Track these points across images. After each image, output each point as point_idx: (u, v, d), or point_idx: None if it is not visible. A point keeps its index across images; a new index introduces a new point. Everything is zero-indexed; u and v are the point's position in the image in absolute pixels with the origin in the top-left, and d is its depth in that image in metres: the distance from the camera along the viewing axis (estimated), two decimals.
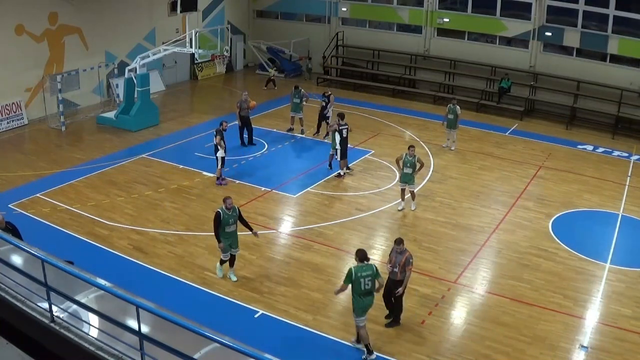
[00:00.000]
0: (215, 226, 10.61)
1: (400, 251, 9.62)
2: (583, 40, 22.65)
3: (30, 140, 19.07)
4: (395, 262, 9.61)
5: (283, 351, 9.23)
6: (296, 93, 19.36)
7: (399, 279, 9.62)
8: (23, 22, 19.46)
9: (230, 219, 10.62)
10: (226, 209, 10.56)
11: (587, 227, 14.03)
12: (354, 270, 8.82)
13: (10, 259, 7.40)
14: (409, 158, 13.99)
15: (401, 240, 9.73)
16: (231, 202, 10.62)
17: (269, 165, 17.04)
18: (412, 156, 13.99)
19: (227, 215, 10.56)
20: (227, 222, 10.59)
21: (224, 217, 10.53)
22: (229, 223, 10.62)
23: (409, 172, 14.02)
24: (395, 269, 9.58)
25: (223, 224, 10.55)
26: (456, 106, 18.51)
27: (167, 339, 5.74)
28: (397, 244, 9.64)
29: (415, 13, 26.18)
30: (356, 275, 8.80)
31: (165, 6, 24.49)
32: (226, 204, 10.56)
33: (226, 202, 10.58)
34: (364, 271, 8.81)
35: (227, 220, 10.58)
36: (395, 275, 9.64)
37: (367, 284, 8.82)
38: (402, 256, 9.57)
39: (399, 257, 9.58)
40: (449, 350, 9.48)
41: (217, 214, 10.54)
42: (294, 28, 29.17)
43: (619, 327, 10.11)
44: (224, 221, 10.55)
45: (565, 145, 19.86)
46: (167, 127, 20.32)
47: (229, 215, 10.59)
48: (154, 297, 6.63)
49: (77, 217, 13.50)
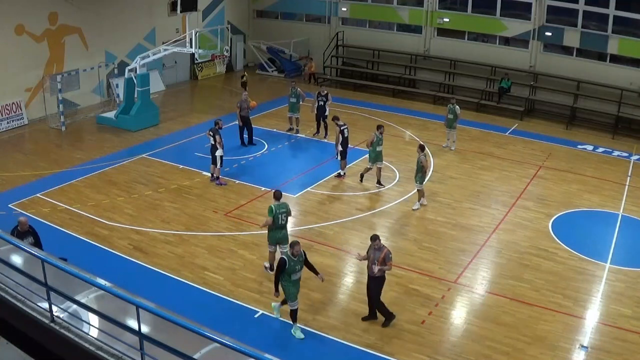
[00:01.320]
0: (277, 274, 9.43)
1: (377, 247, 9.71)
2: (583, 40, 22.65)
3: (30, 140, 19.07)
4: (373, 259, 9.69)
5: (283, 351, 9.24)
6: (293, 93, 19.35)
7: (376, 276, 9.72)
8: (23, 22, 19.46)
9: (297, 265, 9.41)
10: (292, 255, 9.33)
11: (587, 227, 14.03)
12: (274, 207, 10.84)
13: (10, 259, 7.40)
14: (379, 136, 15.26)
15: (377, 236, 9.83)
16: (300, 248, 9.37)
17: (269, 165, 17.04)
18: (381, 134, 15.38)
19: (293, 262, 9.32)
20: (294, 269, 9.37)
21: (290, 265, 9.30)
22: (296, 270, 9.41)
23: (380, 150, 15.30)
24: (374, 265, 9.62)
25: (289, 271, 9.34)
26: (455, 106, 18.53)
27: (167, 339, 5.74)
28: (373, 241, 9.78)
29: (415, 13, 26.18)
30: (275, 212, 10.81)
31: (165, 6, 24.56)
32: (294, 250, 9.30)
33: (294, 247, 9.30)
34: (281, 208, 10.89)
35: (294, 267, 9.35)
36: (372, 272, 9.72)
37: (282, 219, 10.92)
38: (380, 252, 9.66)
39: (377, 254, 9.67)
40: (449, 350, 9.48)
41: (282, 261, 9.29)
42: (294, 28, 29.17)
43: (619, 327, 10.11)
44: (290, 269, 9.32)
45: (565, 145, 19.86)
46: (167, 127, 20.32)
47: (295, 261, 9.36)
48: (154, 297, 6.63)
49: (77, 217, 13.50)
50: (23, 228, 9.55)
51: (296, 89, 19.40)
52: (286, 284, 9.45)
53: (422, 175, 14.39)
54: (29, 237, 9.57)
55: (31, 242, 9.52)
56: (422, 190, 14.51)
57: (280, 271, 9.34)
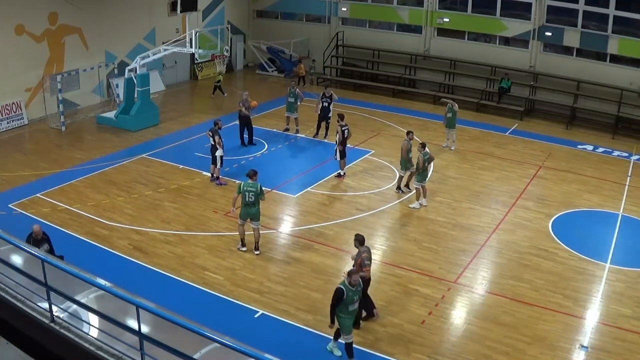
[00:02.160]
0: (333, 304, 8.69)
1: (359, 250, 9.70)
2: (583, 40, 22.65)
3: (30, 140, 19.07)
4: (355, 259, 9.72)
5: (283, 351, 9.19)
6: (291, 93, 19.35)
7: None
8: (23, 22, 19.46)
9: (355, 295, 8.74)
10: (350, 284, 8.63)
11: (587, 227, 14.02)
12: (242, 185, 11.57)
13: (10, 259, 7.40)
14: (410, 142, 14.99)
15: (356, 237, 9.82)
16: (358, 277, 8.76)
17: (269, 165, 17.03)
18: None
19: (351, 292, 8.65)
20: (352, 300, 8.70)
21: (348, 296, 8.63)
22: (353, 301, 8.74)
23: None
24: (353, 266, 9.55)
25: (346, 302, 8.65)
26: (454, 104, 18.59)
27: (167, 339, 5.74)
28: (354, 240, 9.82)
29: (415, 13, 26.18)
30: (243, 189, 11.52)
31: (165, 6, 24.56)
32: (352, 279, 8.61)
33: (352, 277, 8.62)
34: (249, 186, 11.51)
35: (352, 298, 8.69)
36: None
37: (250, 197, 11.52)
38: (358, 256, 9.62)
39: (357, 256, 9.67)
40: (449, 350, 9.48)
41: (340, 291, 8.60)
42: (294, 28, 29.18)
43: (619, 327, 10.11)
44: (348, 299, 8.64)
45: (565, 145, 19.87)
46: (167, 127, 20.32)
47: (354, 292, 8.70)
48: (154, 297, 6.64)
49: (77, 217, 13.50)
50: (37, 236, 9.49)
51: (295, 89, 19.40)
52: (342, 316, 8.73)
53: (420, 174, 14.33)
54: (44, 244, 9.51)
55: (47, 249, 9.46)
56: (419, 189, 14.49)
57: (337, 302, 8.60)
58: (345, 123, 16.16)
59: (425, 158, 14.22)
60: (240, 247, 12.23)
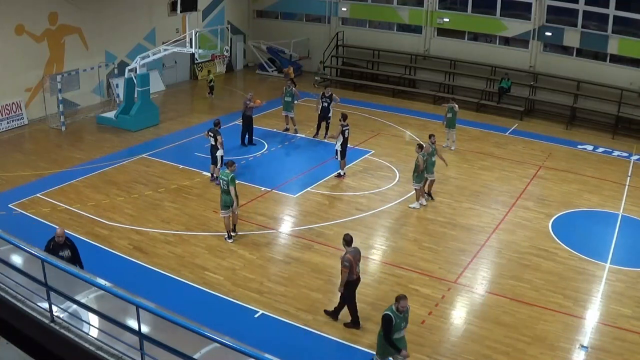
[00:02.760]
0: (386, 334, 8.08)
1: (346, 250, 9.66)
2: (583, 40, 22.65)
3: (30, 140, 19.07)
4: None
5: (283, 351, 9.18)
6: (288, 92, 19.36)
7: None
8: (23, 22, 19.45)
9: (403, 322, 8.20)
10: (397, 310, 8.05)
11: (587, 227, 14.02)
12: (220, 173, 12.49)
13: (10, 259, 7.40)
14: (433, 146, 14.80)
15: (343, 238, 9.76)
16: (406, 302, 8.10)
17: (269, 165, 17.04)
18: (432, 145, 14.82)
19: (399, 319, 8.08)
20: (399, 326, 8.13)
21: (397, 322, 8.05)
22: (400, 328, 8.18)
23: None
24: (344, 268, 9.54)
25: (394, 329, 8.07)
26: (454, 104, 18.59)
27: (167, 339, 5.74)
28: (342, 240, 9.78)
29: (415, 13, 26.18)
30: (220, 177, 12.38)
31: (165, 6, 24.56)
32: (399, 305, 8.02)
33: (400, 302, 8.02)
34: (223, 175, 12.23)
35: (400, 324, 8.12)
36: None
37: (223, 185, 12.22)
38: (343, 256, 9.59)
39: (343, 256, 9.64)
40: (449, 350, 9.48)
41: (388, 318, 8.00)
42: (294, 28, 29.17)
43: (619, 327, 10.11)
44: (396, 326, 8.07)
45: (565, 145, 19.87)
46: (167, 127, 20.32)
47: (401, 318, 8.13)
48: (154, 297, 6.63)
49: (77, 217, 13.50)
50: (60, 240, 8.74)
51: (291, 88, 19.42)
52: (383, 342, 8.17)
53: (419, 174, 14.33)
54: (65, 250, 8.76)
55: (67, 255, 8.68)
56: (419, 190, 14.48)
57: (390, 330, 8.01)
58: (347, 123, 16.16)
59: (424, 159, 14.21)
60: (227, 238, 12.56)
